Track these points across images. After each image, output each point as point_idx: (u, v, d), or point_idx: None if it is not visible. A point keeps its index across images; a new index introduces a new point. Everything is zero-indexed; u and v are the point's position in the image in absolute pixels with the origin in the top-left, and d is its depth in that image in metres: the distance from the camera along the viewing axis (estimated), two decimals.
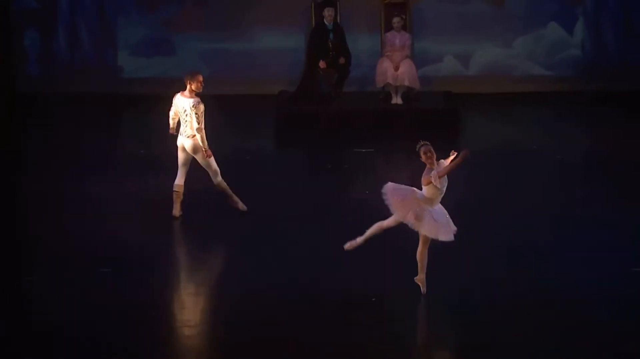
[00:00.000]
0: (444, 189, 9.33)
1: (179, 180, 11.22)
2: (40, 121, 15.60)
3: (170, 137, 11.40)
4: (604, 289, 9.53)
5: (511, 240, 10.67)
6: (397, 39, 15.62)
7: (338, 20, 15.96)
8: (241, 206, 11.17)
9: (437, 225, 9.23)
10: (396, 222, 9.42)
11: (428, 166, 9.35)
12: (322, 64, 15.48)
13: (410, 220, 9.24)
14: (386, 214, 11.55)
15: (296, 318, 9.02)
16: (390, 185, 9.48)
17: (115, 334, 8.66)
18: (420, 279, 9.38)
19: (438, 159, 9.44)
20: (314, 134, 14.64)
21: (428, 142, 9.37)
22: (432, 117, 15.12)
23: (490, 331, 8.72)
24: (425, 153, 9.32)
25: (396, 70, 15.41)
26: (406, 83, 15.48)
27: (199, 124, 10.93)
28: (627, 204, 11.95)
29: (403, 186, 9.51)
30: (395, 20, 15.68)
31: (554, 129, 15.43)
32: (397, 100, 15.51)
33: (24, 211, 11.94)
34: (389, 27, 15.90)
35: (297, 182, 12.97)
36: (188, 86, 11.10)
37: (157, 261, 10.28)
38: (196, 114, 10.95)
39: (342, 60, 15.54)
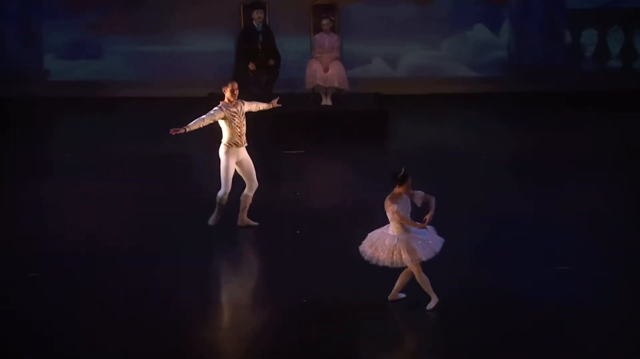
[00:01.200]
0: (408, 214, 9.10)
1: (247, 191, 11.16)
2: None
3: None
4: (532, 289, 9.64)
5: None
6: (326, 40, 15.67)
7: (267, 23, 15.98)
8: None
9: (425, 242, 9.00)
10: (403, 266, 9.04)
11: (403, 192, 9.05)
12: (251, 66, 15.46)
13: (407, 259, 8.92)
14: (321, 212, 11.65)
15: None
16: (364, 244, 9.13)
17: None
18: (434, 302, 9.11)
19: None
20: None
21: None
22: (362, 118, 15.20)
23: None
24: (410, 186, 9.01)
25: (325, 71, 15.45)
26: (336, 84, 15.52)
27: (208, 118, 10.78)
28: (552, 202, 12.12)
29: (375, 233, 9.13)
30: (324, 22, 15.74)
31: (481, 130, 15.58)
32: (326, 101, 15.56)
33: None
34: (318, 29, 15.95)
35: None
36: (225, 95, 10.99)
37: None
38: (212, 112, 10.80)
39: (271, 62, 15.53)
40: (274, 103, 11.47)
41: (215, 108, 10.94)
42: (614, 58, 17.21)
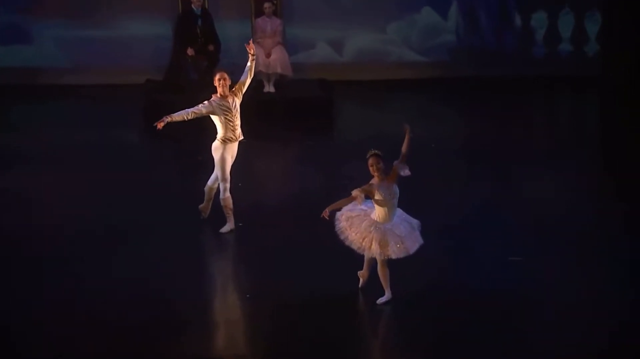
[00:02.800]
0: (394, 200, 9.07)
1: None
2: None
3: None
4: (485, 281, 9.71)
5: None
6: (268, 24, 15.66)
7: (206, 6, 15.92)
8: (205, 214, 11.13)
9: (402, 239, 8.96)
10: (369, 256, 9.03)
11: (374, 178, 9.01)
12: (190, 52, 15.40)
13: (376, 251, 8.90)
14: (264, 204, 11.64)
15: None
16: (341, 213, 9.03)
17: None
18: (386, 298, 9.11)
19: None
20: (182, 124, 14.54)
21: (379, 152, 9.02)
22: (306, 105, 15.22)
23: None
24: (372, 165, 8.94)
25: (268, 57, 15.45)
26: (278, 70, 15.52)
27: (193, 112, 10.61)
28: (503, 190, 12.21)
29: (355, 209, 9.03)
30: (266, 5, 15.72)
31: (430, 117, 15.63)
32: (269, 88, 15.55)
33: None
34: (259, 13, 15.92)
35: (167, 176, 12.90)
36: None
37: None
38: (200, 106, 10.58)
39: (211, 47, 15.49)
40: (249, 49, 10.90)
41: (205, 102, 10.74)
42: (565, 41, 17.37)
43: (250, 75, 11.02)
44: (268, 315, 9.13)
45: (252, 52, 10.96)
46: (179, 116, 10.68)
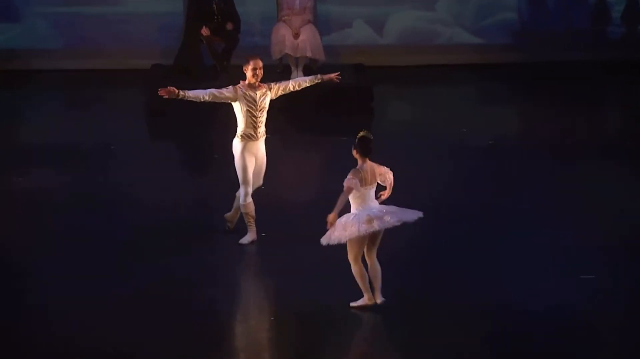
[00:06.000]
0: (369, 190, 9.46)
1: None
2: None
3: None
4: (551, 302, 9.70)
5: (439, 242, 10.75)
6: (297, 0, 15.69)
7: None
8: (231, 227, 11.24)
9: (389, 212, 9.26)
10: (359, 245, 9.31)
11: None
12: (205, 31, 15.46)
13: (365, 227, 9.19)
14: (292, 209, 11.67)
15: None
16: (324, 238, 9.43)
17: None
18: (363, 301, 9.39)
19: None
20: (196, 116, 14.62)
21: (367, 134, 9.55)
22: (341, 94, 15.20)
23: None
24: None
25: (296, 38, 15.49)
26: (308, 54, 15.56)
27: (212, 94, 10.69)
28: (573, 195, 12.15)
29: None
30: None
31: (486, 109, 15.63)
32: (297, 74, 15.58)
33: None
34: None
35: (179, 177, 12.96)
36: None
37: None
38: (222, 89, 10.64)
39: (229, 26, 15.54)
40: (333, 77, 11.13)
41: (229, 87, 10.76)
42: None
43: (300, 87, 11.27)
44: (296, 341, 9.12)
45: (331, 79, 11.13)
46: (194, 94, 10.69)
